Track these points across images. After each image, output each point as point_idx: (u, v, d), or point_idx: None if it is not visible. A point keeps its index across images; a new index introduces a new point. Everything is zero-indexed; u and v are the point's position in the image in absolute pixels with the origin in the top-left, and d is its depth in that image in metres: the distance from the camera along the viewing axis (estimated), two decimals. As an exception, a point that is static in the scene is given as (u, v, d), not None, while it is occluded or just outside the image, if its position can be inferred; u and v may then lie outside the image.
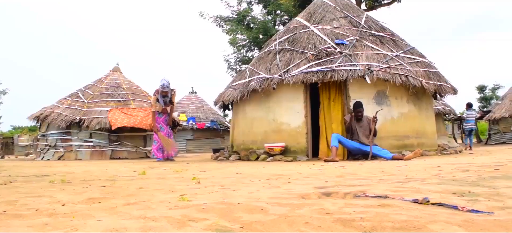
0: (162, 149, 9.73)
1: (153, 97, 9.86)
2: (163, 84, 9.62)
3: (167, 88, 9.67)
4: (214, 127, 20.82)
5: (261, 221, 1.88)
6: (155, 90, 9.82)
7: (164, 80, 9.65)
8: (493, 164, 5.34)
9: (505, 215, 1.95)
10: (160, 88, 9.66)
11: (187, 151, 20.07)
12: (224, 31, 23.58)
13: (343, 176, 4.22)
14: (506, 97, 21.59)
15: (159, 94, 9.73)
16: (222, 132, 20.93)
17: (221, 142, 20.64)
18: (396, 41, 9.95)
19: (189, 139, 20.67)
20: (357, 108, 8.00)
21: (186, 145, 20.48)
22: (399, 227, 1.67)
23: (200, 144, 20.66)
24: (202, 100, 22.80)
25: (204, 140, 20.78)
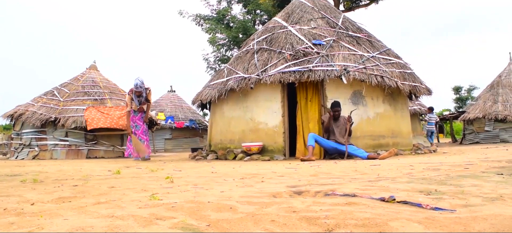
0: None
1: (127, 97, 9.73)
2: (136, 83, 9.50)
3: (140, 88, 9.56)
4: (193, 126, 20.73)
5: (228, 219, 1.90)
6: (129, 89, 9.71)
7: (137, 80, 9.53)
8: (464, 163, 5.47)
9: (466, 213, 2.01)
10: (133, 88, 9.55)
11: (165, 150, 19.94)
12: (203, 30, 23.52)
13: (316, 175, 4.27)
14: (480, 98, 22.03)
15: (133, 93, 9.63)
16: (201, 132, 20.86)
17: (200, 142, 20.57)
18: (372, 42, 10.08)
19: (168, 138, 20.54)
20: (335, 107, 8.08)
21: (164, 144, 20.35)
22: (362, 224, 1.71)
23: (179, 143, 20.54)
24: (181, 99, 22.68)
25: (183, 139, 20.67)
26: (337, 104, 8.09)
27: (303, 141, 8.84)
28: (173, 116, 20.70)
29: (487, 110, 19.78)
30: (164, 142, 20.37)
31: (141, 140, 9.72)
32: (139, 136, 9.75)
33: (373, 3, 21.56)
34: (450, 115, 26.13)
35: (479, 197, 2.49)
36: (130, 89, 9.65)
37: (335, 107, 8.06)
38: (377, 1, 21.37)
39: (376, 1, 21.37)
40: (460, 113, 23.76)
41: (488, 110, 19.75)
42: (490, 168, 4.50)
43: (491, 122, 19.53)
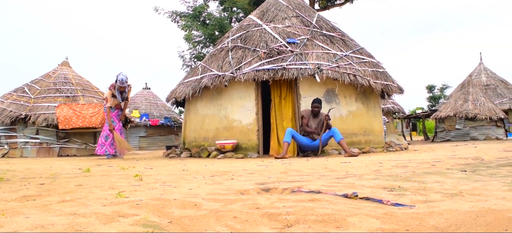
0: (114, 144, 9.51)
1: (108, 92, 9.50)
2: (121, 79, 9.36)
3: (125, 83, 9.44)
4: (168, 124, 20.59)
5: (191, 216, 1.91)
6: (111, 84, 9.51)
7: (122, 75, 9.39)
8: (432, 160, 5.60)
9: (425, 208, 2.07)
10: (118, 83, 9.37)
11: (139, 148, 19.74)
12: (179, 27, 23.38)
13: (286, 172, 4.31)
14: (452, 96, 22.54)
15: (116, 89, 9.45)
16: (176, 129, 20.73)
17: (175, 139, 20.44)
18: (346, 41, 10.20)
19: (142, 136, 20.33)
20: (315, 104, 8.12)
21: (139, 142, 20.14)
22: (321, 220, 1.75)
23: (153, 141, 20.38)
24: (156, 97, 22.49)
25: (158, 137, 20.51)
26: (318, 100, 8.16)
27: (277, 139, 8.90)
28: (148, 114, 20.52)
29: (458, 109, 20.26)
30: (138, 140, 20.17)
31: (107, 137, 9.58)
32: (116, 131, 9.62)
33: (348, 2, 21.79)
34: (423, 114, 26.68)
35: (440, 193, 2.56)
36: (111, 84, 9.47)
37: (315, 103, 8.13)
38: (352, 0, 21.60)
39: (351, 0, 21.61)
40: (432, 112, 24.27)
41: (459, 108, 20.22)
42: (455, 165, 4.62)
43: (462, 121, 20.00)
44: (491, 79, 25.83)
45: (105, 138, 9.51)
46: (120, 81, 9.36)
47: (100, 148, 9.47)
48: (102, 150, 9.50)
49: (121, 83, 9.37)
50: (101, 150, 9.48)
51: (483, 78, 25.94)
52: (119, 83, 9.37)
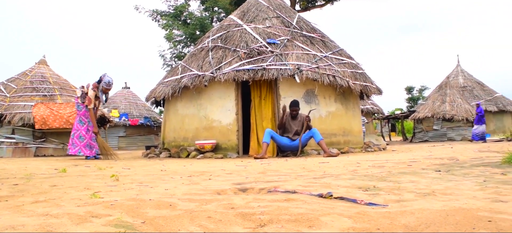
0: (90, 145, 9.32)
1: (92, 92, 9.23)
2: (109, 81, 9.18)
3: (112, 85, 9.29)
4: (148, 123, 20.42)
5: (165, 216, 1.90)
6: (93, 85, 9.26)
7: (108, 77, 9.21)
8: (408, 160, 5.68)
9: (397, 207, 2.10)
10: (104, 85, 9.16)
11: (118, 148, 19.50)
12: (160, 26, 23.26)
13: (265, 172, 4.32)
14: (429, 98, 22.94)
15: (100, 90, 9.26)
16: (156, 129, 20.58)
17: (155, 139, 20.29)
18: (325, 42, 10.28)
19: (121, 136, 20.11)
20: (293, 107, 8.14)
21: (118, 142, 19.91)
22: (294, 219, 1.76)
23: (133, 141, 20.18)
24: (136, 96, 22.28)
25: (137, 137, 20.32)
26: (296, 103, 8.17)
27: (257, 139, 8.91)
28: (127, 113, 20.32)
29: (436, 110, 20.62)
30: (117, 140, 19.95)
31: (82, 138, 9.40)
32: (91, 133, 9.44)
33: (329, 4, 21.96)
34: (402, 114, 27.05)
35: (413, 192, 2.61)
36: (94, 84, 9.23)
37: (293, 106, 8.14)
38: (332, 2, 21.78)
39: (331, 2, 21.78)
40: (411, 113, 24.63)
41: (437, 109, 20.59)
42: (430, 165, 4.70)
43: (439, 121, 20.35)
44: (468, 81, 26.35)
45: (79, 138, 9.27)
46: (107, 83, 9.18)
47: (72, 148, 9.23)
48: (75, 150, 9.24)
49: (107, 85, 9.19)
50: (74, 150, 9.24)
51: (460, 80, 26.44)
52: (106, 85, 9.19)
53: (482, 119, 16.98)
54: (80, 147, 9.22)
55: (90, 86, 9.13)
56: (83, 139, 9.22)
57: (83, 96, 9.24)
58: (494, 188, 2.74)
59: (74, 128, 9.27)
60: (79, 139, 9.17)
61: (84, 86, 9.31)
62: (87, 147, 9.28)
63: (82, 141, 9.23)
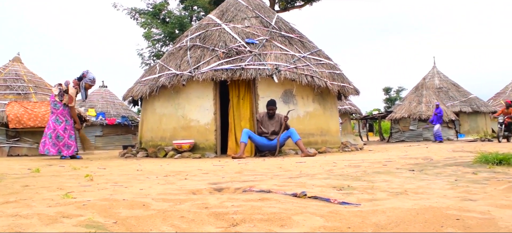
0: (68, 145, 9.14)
1: (73, 90, 9.03)
2: (93, 77, 9.08)
3: (95, 82, 9.21)
4: (125, 123, 20.18)
5: (138, 216, 1.89)
6: (74, 81, 9.07)
7: (91, 73, 9.12)
8: (384, 160, 5.76)
9: (370, 206, 2.13)
10: (88, 81, 9.03)
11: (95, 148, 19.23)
12: (138, 24, 23.03)
13: (241, 172, 4.33)
14: (406, 98, 23.30)
15: (81, 86, 9.09)
16: (133, 129, 20.34)
17: (133, 139, 20.06)
18: (304, 43, 10.34)
19: (98, 135, 19.80)
20: (270, 106, 8.17)
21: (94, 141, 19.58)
22: (266, 219, 1.77)
23: (110, 141, 19.90)
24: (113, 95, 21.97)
25: (114, 137, 20.05)
26: (273, 103, 8.19)
27: (235, 139, 8.91)
28: (104, 113, 20.03)
29: (412, 111, 20.95)
30: (94, 139, 19.64)
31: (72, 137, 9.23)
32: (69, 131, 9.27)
33: (308, 5, 22.10)
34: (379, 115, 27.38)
35: (386, 192, 2.65)
36: (74, 81, 9.06)
37: (270, 105, 8.17)
38: (311, 2, 21.92)
39: (310, 2, 21.92)
40: (388, 113, 24.98)
41: (413, 110, 20.91)
42: (405, 165, 4.77)
43: (415, 122, 20.68)
44: (444, 82, 26.83)
45: (58, 138, 9.07)
46: (91, 79, 9.05)
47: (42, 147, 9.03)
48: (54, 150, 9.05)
49: (92, 81, 9.08)
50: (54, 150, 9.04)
51: (436, 81, 26.90)
52: (90, 82, 9.07)
53: (440, 119, 17.50)
54: (60, 147, 9.03)
55: (70, 83, 8.93)
56: (61, 139, 9.03)
57: (60, 94, 9.01)
58: (465, 187, 2.81)
59: (50, 127, 9.00)
60: (57, 139, 8.97)
61: (62, 84, 9.07)
62: (66, 147, 9.11)
63: (61, 141, 9.05)
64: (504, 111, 14.10)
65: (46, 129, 9.10)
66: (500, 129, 13.58)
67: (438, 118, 17.52)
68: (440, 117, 17.55)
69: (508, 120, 13.63)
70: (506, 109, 14.04)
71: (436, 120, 17.53)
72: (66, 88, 8.96)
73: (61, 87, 9.01)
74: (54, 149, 8.96)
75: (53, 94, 9.07)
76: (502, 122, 13.59)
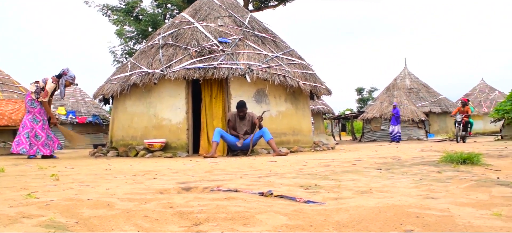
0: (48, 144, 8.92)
1: (51, 85, 8.80)
2: (73, 75, 8.93)
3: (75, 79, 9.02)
4: (97, 121, 19.85)
5: (101, 216, 1.87)
6: (53, 78, 8.86)
7: (73, 72, 8.94)
8: (354, 159, 5.84)
9: (334, 205, 2.16)
10: (69, 79, 8.84)
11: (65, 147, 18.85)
12: (111, 21, 22.66)
13: (211, 171, 4.32)
14: (378, 99, 23.70)
15: (61, 84, 8.87)
16: (105, 127, 20.02)
17: (104, 138, 19.73)
18: (277, 43, 10.38)
19: (70, 135, 19.44)
20: (240, 108, 8.11)
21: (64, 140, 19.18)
22: (230, 217, 1.78)
23: (81, 140, 19.56)
24: (84, 93, 21.56)
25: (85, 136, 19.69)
26: (242, 104, 8.10)
27: (207, 138, 8.88)
28: (74, 111, 19.66)
29: (383, 111, 21.31)
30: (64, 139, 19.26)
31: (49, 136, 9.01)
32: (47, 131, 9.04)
33: (281, 5, 22.20)
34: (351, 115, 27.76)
35: (352, 190, 2.69)
36: (53, 77, 8.86)
37: (240, 108, 8.10)
38: (285, 3, 22.03)
39: (284, 2, 22.04)
40: (360, 113, 25.34)
41: (384, 110, 21.27)
42: (373, 164, 4.85)
43: (387, 122, 21.03)
44: (414, 83, 27.41)
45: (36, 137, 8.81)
46: (72, 77, 8.90)
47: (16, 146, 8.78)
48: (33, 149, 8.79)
49: (72, 79, 8.92)
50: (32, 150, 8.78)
51: (407, 82, 27.45)
52: (71, 80, 8.90)
53: (398, 120, 17.86)
54: (38, 146, 8.80)
55: (49, 79, 8.75)
56: (40, 138, 8.80)
57: (37, 91, 8.76)
58: (428, 186, 2.88)
59: (27, 126, 8.74)
60: (35, 138, 8.72)
61: (39, 81, 8.85)
62: (46, 146, 8.89)
63: (39, 140, 8.81)
64: (460, 110, 13.44)
65: (21, 128, 8.82)
66: (458, 129, 12.79)
67: (395, 118, 17.82)
68: (397, 117, 17.87)
69: (466, 119, 12.94)
70: (462, 108, 13.37)
71: (394, 120, 17.82)
72: (43, 85, 8.75)
73: (38, 85, 8.77)
74: (31, 149, 8.71)
75: (30, 92, 8.82)
76: (460, 121, 12.83)
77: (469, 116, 13.07)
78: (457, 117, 12.91)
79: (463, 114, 13.01)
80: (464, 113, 13.07)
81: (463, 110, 13.24)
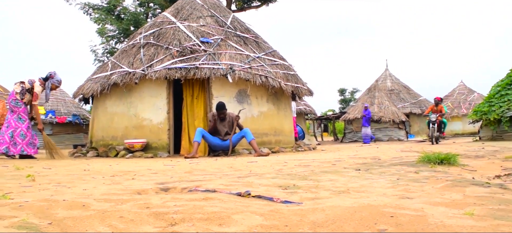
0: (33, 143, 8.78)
1: (39, 88, 8.73)
2: (60, 79, 8.88)
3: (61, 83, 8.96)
4: (77, 121, 19.60)
5: (75, 217, 1.85)
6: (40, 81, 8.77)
7: (59, 75, 8.86)
8: (334, 160, 5.89)
9: (311, 205, 2.17)
10: (56, 82, 8.81)
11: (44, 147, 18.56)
12: (92, 20, 22.41)
13: (191, 172, 4.31)
14: (359, 100, 23.92)
15: (47, 87, 8.79)
16: (85, 127, 19.77)
17: (84, 138, 19.48)
18: (259, 43, 10.40)
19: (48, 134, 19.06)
20: (220, 110, 8.04)
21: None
22: (206, 218, 1.77)
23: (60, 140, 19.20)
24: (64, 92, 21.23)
25: (65, 136, 19.40)
26: (222, 106, 8.01)
27: (188, 138, 8.85)
28: (54, 111, 19.37)
29: (365, 112, 21.49)
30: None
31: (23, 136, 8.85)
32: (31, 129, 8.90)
33: (264, 5, 22.24)
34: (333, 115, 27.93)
35: (330, 190, 2.71)
36: (40, 80, 8.76)
37: (220, 110, 8.01)
38: (267, 3, 22.08)
39: (267, 3, 22.08)
40: (342, 114, 25.52)
41: (366, 111, 21.46)
42: (353, 165, 4.89)
43: (368, 123, 21.22)
44: (395, 85, 27.73)
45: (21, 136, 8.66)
46: (59, 81, 8.87)
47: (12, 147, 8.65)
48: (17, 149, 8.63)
49: (59, 83, 8.89)
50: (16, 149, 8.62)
51: (388, 83, 27.76)
52: (58, 83, 8.87)
53: (368, 121, 18.00)
54: (22, 145, 8.65)
55: (36, 82, 8.68)
56: (25, 137, 8.66)
57: (22, 92, 8.66)
58: (404, 186, 2.92)
59: (11, 125, 8.61)
60: (20, 137, 8.58)
61: (25, 82, 8.75)
62: (31, 145, 8.77)
63: (24, 139, 8.67)
64: (433, 109, 12.84)
65: (5, 128, 8.68)
66: (433, 129, 12.19)
67: (366, 120, 17.93)
68: (368, 119, 17.98)
69: (440, 118, 12.39)
70: (435, 107, 12.81)
71: (364, 121, 17.93)
72: (29, 87, 8.66)
73: (23, 86, 8.68)
74: (15, 148, 8.57)
75: (14, 92, 8.70)
76: (435, 121, 12.23)
77: (443, 115, 12.64)
78: (431, 117, 12.39)
79: (437, 114, 12.51)
80: (437, 112, 12.60)
81: (436, 109, 12.75)
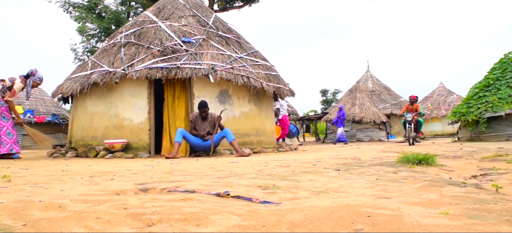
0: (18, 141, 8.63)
1: (20, 85, 8.58)
2: (42, 76, 8.75)
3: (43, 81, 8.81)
4: (56, 121, 19.30)
5: (51, 218, 1.82)
6: (21, 78, 8.60)
7: (40, 73, 8.71)
8: (315, 160, 5.92)
9: (289, 205, 2.18)
10: (38, 80, 8.67)
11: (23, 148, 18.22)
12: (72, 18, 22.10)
13: (171, 172, 4.28)
14: (341, 100, 24.08)
15: (29, 84, 8.64)
16: (65, 127, 19.49)
17: (64, 138, 19.19)
18: (241, 43, 10.39)
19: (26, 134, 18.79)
20: (202, 109, 8.07)
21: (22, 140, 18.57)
22: (184, 218, 1.77)
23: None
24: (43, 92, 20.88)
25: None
26: (204, 105, 8.07)
27: (170, 139, 8.79)
28: (32, 110, 19.04)
29: (346, 112, 21.63)
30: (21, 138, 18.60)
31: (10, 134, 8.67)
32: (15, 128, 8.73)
33: (247, 6, 22.24)
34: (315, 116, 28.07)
35: (309, 190, 2.72)
36: (21, 77, 8.59)
37: (202, 108, 8.06)
38: (250, 4, 22.08)
39: (249, 3, 22.09)
40: (324, 114, 25.66)
41: (347, 112, 21.60)
42: (333, 165, 4.93)
43: (349, 123, 21.38)
44: (377, 86, 28.03)
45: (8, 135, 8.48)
46: (40, 78, 8.74)
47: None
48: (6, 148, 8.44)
49: (40, 80, 8.76)
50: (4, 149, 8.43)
51: (369, 84, 28.04)
52: (39, 81, 8.74)
53: (343, 122, 18.21)
54: (11, 144, 8.48)
55: (17, 79, 8.53)
56: (12, 136, 8.50)
57: (3, 90, 8.47)
58: (383, 186, 2.95)
59: None
60: (8, 136, 8.41)
61: (5, 80, 8.58)
62: (17, 144, 8.63)
63: (12, 138, 8.51)
64: (408, 108, 12.42)
65: None
66: (410, 129, 11.73)
67: (341, 120, 18.09)
68: (343, 119, 18.14)
69: (416, 118, 11.97)
70: (411, 105, 12.41)
71: (339, 122, 18.10)
72: (10, 85, 8.50)
73: (4, 84, 8.51)
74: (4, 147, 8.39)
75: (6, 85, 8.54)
76: (411, 120, 11.79)
77: (419, 115, 12.22)
78: (407, 117, 11.97)
79: (413, 113, 12.05)
80: (413, 111, 12.14)
81: (412, 108, 12.31)
